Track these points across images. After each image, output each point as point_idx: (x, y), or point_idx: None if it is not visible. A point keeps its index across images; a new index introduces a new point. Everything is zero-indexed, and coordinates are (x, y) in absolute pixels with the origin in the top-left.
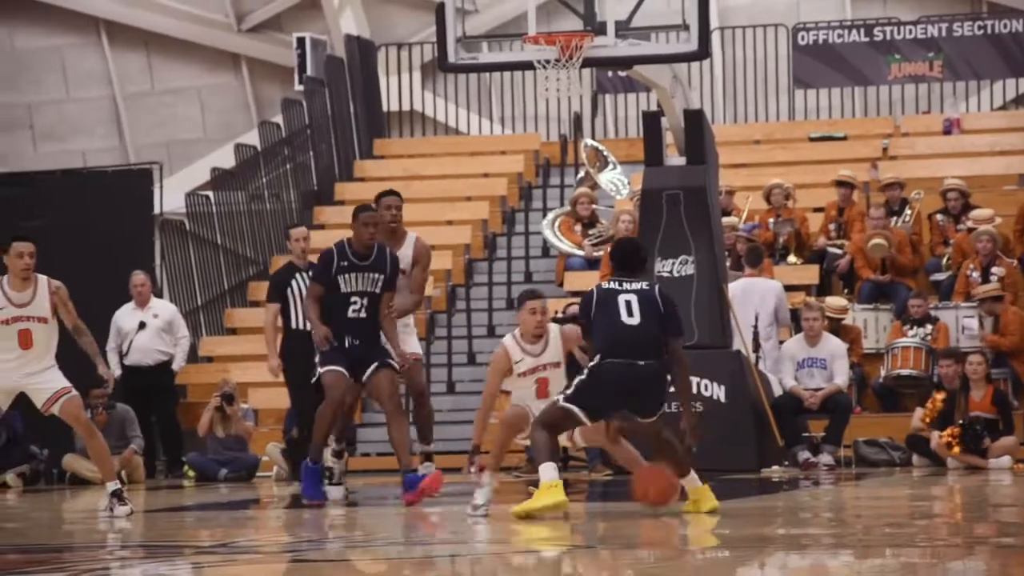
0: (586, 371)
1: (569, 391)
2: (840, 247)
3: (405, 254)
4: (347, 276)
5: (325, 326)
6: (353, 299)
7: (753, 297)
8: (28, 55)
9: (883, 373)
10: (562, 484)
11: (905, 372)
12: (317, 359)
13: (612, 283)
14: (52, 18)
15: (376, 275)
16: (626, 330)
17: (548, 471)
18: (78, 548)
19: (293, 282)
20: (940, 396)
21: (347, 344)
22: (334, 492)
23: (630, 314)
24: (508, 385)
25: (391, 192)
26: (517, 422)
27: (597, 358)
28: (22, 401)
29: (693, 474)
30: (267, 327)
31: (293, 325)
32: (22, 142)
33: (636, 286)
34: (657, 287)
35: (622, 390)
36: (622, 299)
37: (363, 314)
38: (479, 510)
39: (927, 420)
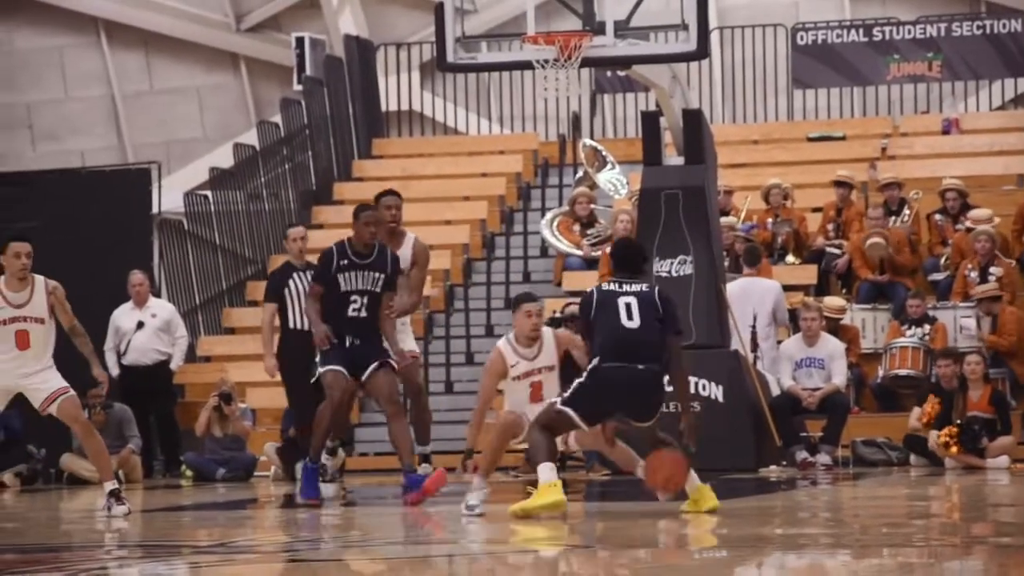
0: (585, 374)
1: (567, 394)
2: (839, 247)
3: (404, 254)
4: (347, 275)
5: (325, 324)
6: (353, 298)
7: (751, 297)
8: (27, 55)
9: (881, 373)
10: (560, 484)
11: (903, 372)
12: (318, 358)
13: (612, 284)
14: (51, 18)
15: (376, 274)
16: (626, 333)
17: (546, 471)
18: (76, 548)
19: (290, 282)
20: (936, 399)
21: (347, 343)
22: (328, 490)
23: (630, 317)
24: (503, 388)
25: (391, 192)
26: (511, 428)
27: (595, 360)
28: (20, 400)
29: (692, 474)
30: (264, 326)
31: (291, 324)
32: (21, 142)
33: (636, 288)
34: (657, 288)
35: (620, 394)
36: (622, 301)
37: (363, 313)
38: (473, 511)
39: (924, 421)
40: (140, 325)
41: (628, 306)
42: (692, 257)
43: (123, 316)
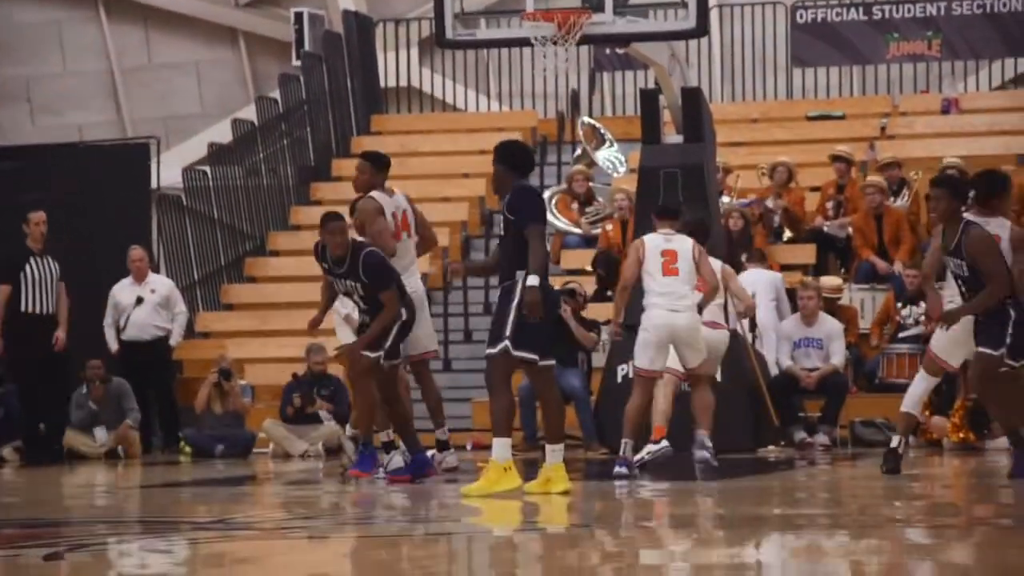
0: None
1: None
2: (843, 225)
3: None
4: (331, 278)
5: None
6: (348, 292)
7: (754, 283)
8: (25, 28)
9: (877, 375)
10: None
11: (901, 381)
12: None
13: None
14: None
15: (351, 282)
16: None
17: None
18: (75, 523)
19: (27, 266)
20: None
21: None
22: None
23: None
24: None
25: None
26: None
27: None
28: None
29: (560, 447)
30: None
31: (23, 307)
32: (19, 115)
33: None
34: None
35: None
36: None
37: (363, 304)
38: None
39: (926, 412)
40: (139, 301)
41: None
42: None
43: (122, 291)
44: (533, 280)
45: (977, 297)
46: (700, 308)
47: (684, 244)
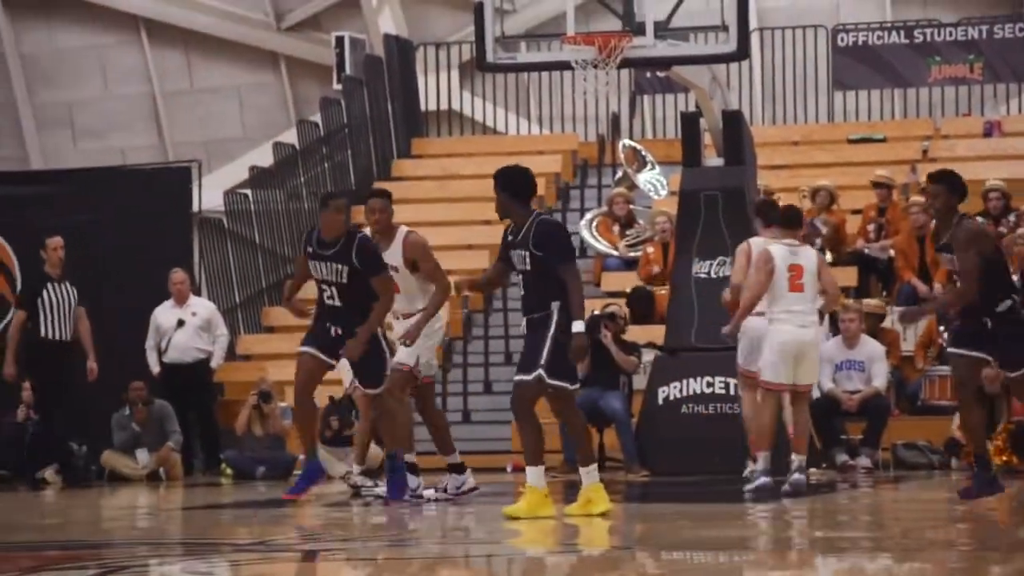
0: None
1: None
2: (885, 247)
3: (395, 252)
4: (313, 263)
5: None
6: (323, 286)
7: None
8: (68, 53)
9: (920, 397)
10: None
11: (944, 404)
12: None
13: None
14: (92, 16)
15: (340, 266)
16: None
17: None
18: (117, 545)
19: (44, 291)
20: None
21: (331, 332)
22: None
23: None
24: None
25: (375, 194)
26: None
27: None
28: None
29: (593, 468)
30: (13, 332)
31: (42, 333)
32: (62, 139)
33: None
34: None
35: None
36: None
37: (336, 302)
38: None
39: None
40: (181, 323)
41: None
42: (731, 258)
43: (164, 314)
44: (580, 327)
45: (943, 295)
46: (822, 315)
47: (809, 257)
